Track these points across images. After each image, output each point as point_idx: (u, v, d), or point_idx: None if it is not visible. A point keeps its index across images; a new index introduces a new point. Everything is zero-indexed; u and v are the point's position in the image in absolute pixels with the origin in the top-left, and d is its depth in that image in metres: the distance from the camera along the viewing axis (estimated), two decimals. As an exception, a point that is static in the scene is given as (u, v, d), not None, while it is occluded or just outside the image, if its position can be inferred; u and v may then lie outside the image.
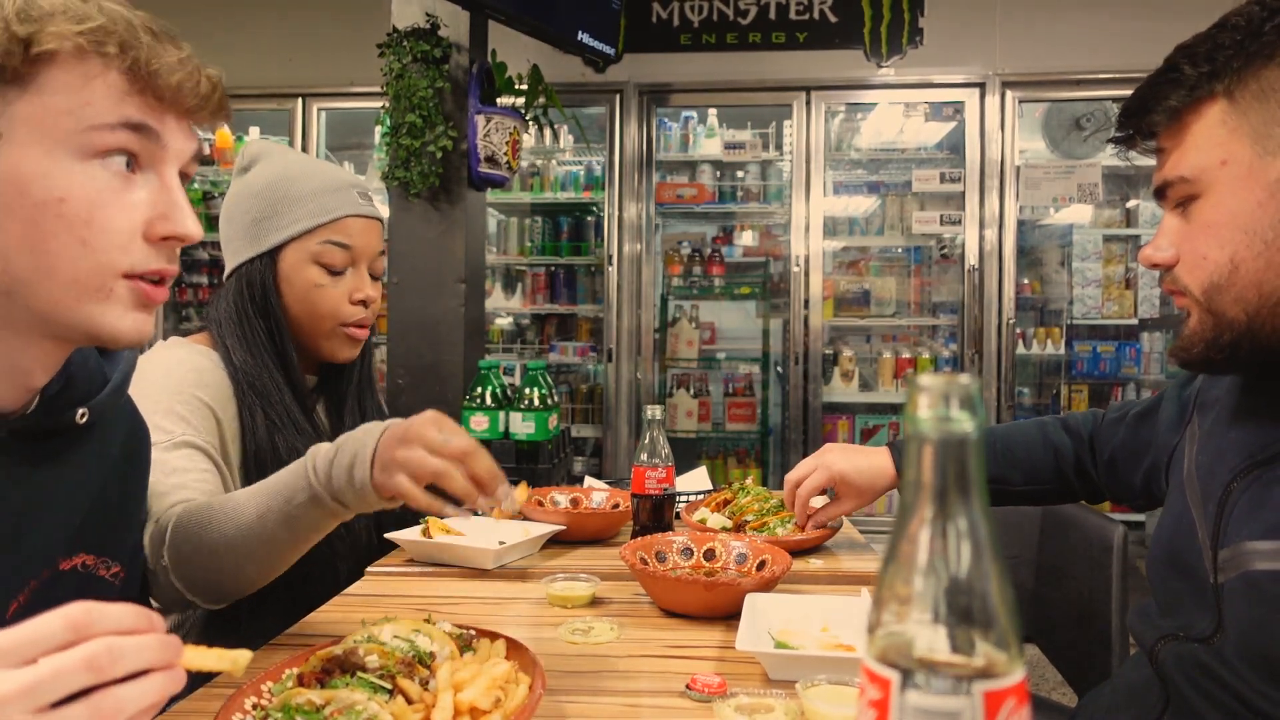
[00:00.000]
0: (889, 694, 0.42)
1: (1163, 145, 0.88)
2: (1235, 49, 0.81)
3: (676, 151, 4.41)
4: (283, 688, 0.76)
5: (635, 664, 0.98)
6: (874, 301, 4.36)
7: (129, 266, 0.73)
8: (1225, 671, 0.83)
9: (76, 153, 0.70)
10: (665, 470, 1.46)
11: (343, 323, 1.38)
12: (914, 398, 0.42)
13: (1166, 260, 0.89)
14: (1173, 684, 0.89)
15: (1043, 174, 4.03)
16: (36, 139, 0.68)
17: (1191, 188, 0.85)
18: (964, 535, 0.42)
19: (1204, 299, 0.85)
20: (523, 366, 2.49)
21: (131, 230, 0.72)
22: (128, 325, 0.74)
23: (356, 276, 1.39)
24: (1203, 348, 0.87)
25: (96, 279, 0.71)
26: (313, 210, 1.35)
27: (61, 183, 0.69)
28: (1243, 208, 0.82)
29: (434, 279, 3.19)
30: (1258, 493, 0.85)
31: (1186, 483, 0.98)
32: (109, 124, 0.70)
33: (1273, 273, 0.81)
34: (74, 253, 0.70)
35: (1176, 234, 0.88)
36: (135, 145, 0.72)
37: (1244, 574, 0.83)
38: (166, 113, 0.74)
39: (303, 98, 4.31)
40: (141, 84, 0.71)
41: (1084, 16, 3.94)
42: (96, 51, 0.69)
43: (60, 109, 0.68)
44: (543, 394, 1.89)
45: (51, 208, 0.68)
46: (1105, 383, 4.27)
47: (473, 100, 3.13)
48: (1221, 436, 0.93)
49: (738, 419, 4.35)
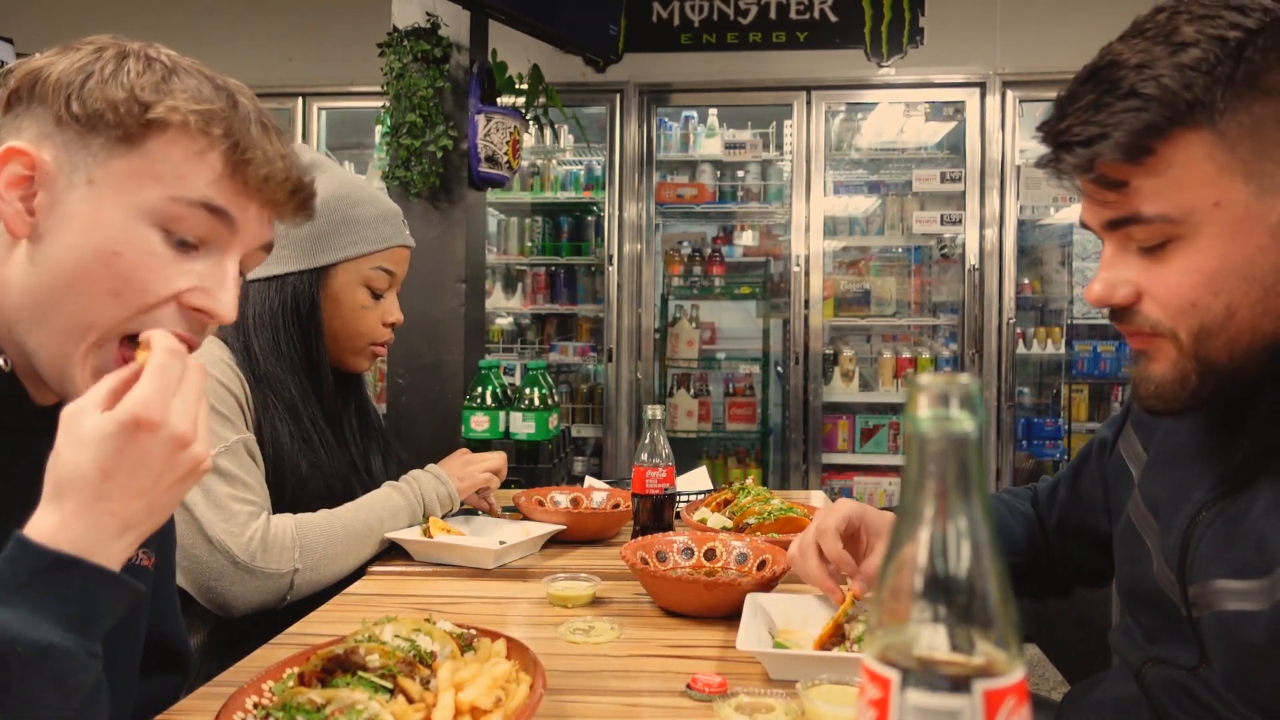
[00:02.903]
0: (889, 693, 0.42)
1: (1123, 178, 0.77)
2: (1211, 75, 0.72)
3: (676, 151, 4.41)
4: (284, 687, 0.76)
5: (636, 664, 0.98)
6: (874, 301, 4.35)
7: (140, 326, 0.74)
8: (1214, 700, 0.80)
9: (149, 218, 0.74)
10: (666, 470, 1.46)
11: (373, 341, 1.48)
12: (914, 397, 0.43)
13: (1127, 301, 0.81)
14: (1161, 705, 0.87)
15: (1043, 174, 4.02)
16: (121, 194, 0.73)
17: (1174, 229, 0.76)
18: (964, 535, 0.42)
19: (1191, 345, 0.78)
20: (523, 366, 2.49)
21: (165, 297, 0.75)
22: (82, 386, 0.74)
23: (390, 300, 1.49)
24: (1173, 397, 0.81)
25: (103, 331, 0.74)
26: (371, 237, 1.43)
27: (122, 237, 0.73)
28: (1242, 253, 0.75)
29: (434, 279, 3.19)
30: (1223, 527, 0.81)
31: (1132, 510, 0.95)
32: (191, 201, 0.75)
33: (1269, 318, 0.76)
34: (102, 301, 0.73)
35: (1141, 273, 0.80)
36: (208, 228, 0.76)
37: (1216, 614, 0.79)
38: (251, 202, 0.78)
39: (303, 97, 4.30)
40: (235, 170, 0.76)
41: (1084, 16, 3.94)
42: (202, 131, 0.74)
43: (154, 175, 0.74)
44: (543, 394, 1.89)
45: (104, 256, 0.73)
46: (1105, 382, 4.26)
47: (473, 100, 3.13)
48: (1181, 467, 0.89)
49: (738, 419, 4.35)
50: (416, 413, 3.19)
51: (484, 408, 1.87)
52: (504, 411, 1.88)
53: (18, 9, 4.27)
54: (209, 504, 1.20)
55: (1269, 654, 0.75)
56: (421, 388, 3.21)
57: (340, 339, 1.44)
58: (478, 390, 1.89)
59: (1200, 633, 0.82)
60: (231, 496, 1.22)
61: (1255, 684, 0.77)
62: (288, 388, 1.36)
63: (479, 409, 1.87)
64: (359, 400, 1.56)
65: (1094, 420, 4.26)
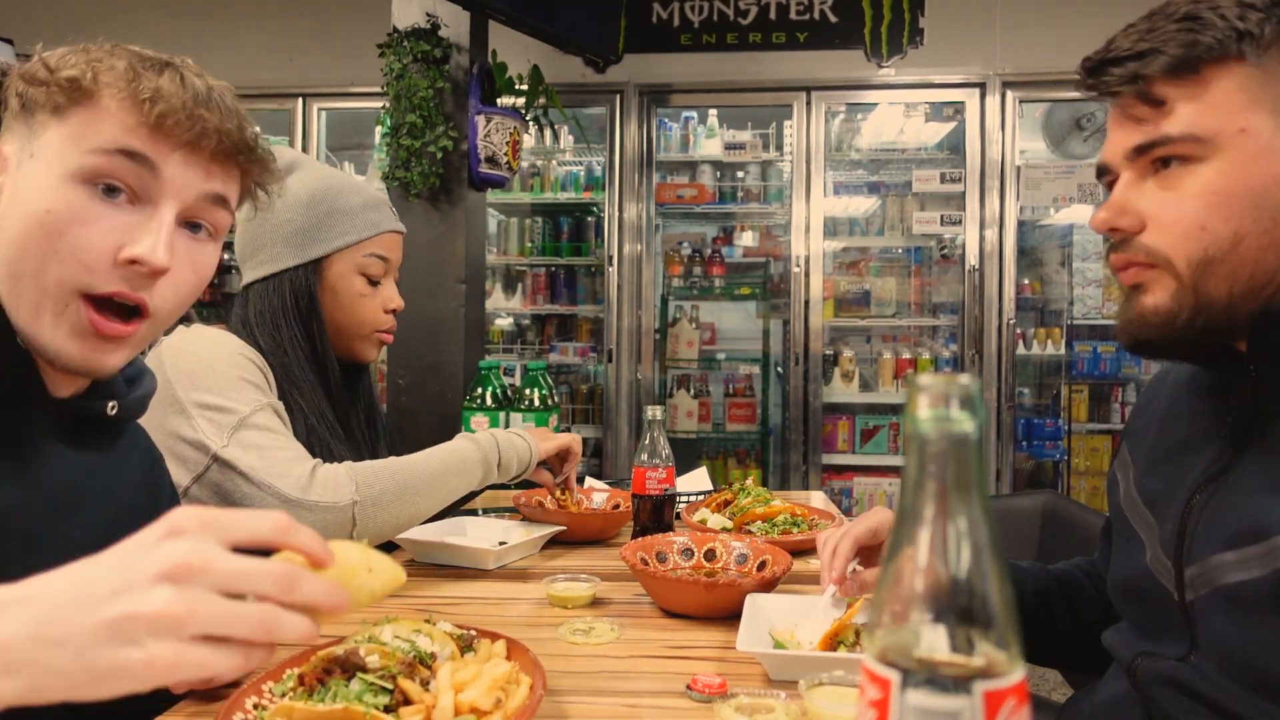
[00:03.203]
0: (889, 694, 0.42)
1: (1163, 96, 0.80)
2: (1266, 12, 0.77)
3: (676, 152, 4.41)
4: (284, 687, 0.76)
5: (636, 664, 0.98)
6: (874, 302, 4.35)
7: (87, 285, 0.76)
8: (1207, 687, 0.81)
9: (75, 175, 0.76)
10: (666, 471, 1.46)
11: (377, 329, 1.48)
12: (914, 398, 0.43)
13: (1131, 227, 0.82)
14: (1154, 701, 0.87)
15: (1043, 174, 4.03)
16: (51, 158, 0.76)
17: (1198, 149, 0.78)
18: (964, 535, 0.42)
19: (1190, 272, 0.79)
20: (523, 367, 2.49)
21: (101, 250, 0.76)
22: (73, 350, 0.77)
23: (388, 287, 1.49)
24: (1164, 326, 0.81)
25: (56, 290, 0.76)
26: (360, 224, 1.44)
27: (50, 196, 0.75)
28: (1258, 181, 0.77)
29: (434, 279, 3.19)
30: (1216, 506, 0.82)
31: (1125, 505, 0.95)
32: (106, 150, 0.76)
33: (1273, 253, 0.78)
34: (43, 260, 0.75)
35: (1153, 203, 0.81)
36: (129, 174, 0.77)
37: (1216, 589, 0.80)
38: (167, 145, 0.79)
39: (303, 98, 4.31)
40: (143, 115, 0.77)
41: (1084, 17, 3.94)
42: (111, 84, 0.76)
43: (74, 134, 0.76)
44: (543, 394, 1.89)
45: (39, 217, 0.75)
46: (1105, 383, 4.27)
47: (473, 100, 3.13)
48: (1171, 461, 0.90)
49: (738, 419, 4.36)
50: (416, 413, 3.20)
51: (484, 408, 1.87)
52: (504, 412, 1.88)
53: (17, 9, 4.27)
54: (252, 455, 1.18)
55: (1272, 618, 0.76)
56: (421, 388, 3.21)
57: (344, 329, 1.45)
58: (478, 391, 1.89)
59: (1192, 618, 0.83)
60: (274, 445, 1.20)
61: (1253, 658, 0.78)
62: (296, 383, 1.37)
63: (479, 409, 1.87)
64: (366, 395, 1.57)
65: (1094, 421, 4.26)
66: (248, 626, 0.53)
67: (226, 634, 0.53)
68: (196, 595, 0.52)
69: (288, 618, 0.55)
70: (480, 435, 1.41)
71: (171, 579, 0.52)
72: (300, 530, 0.59)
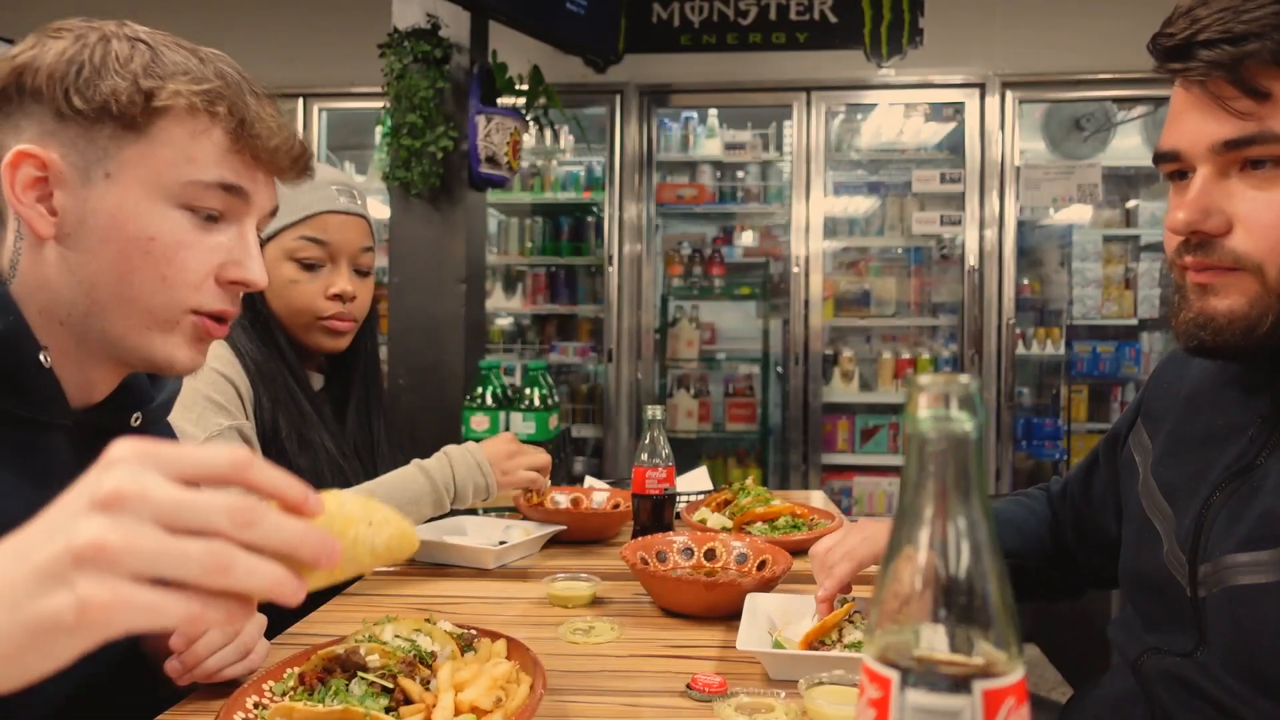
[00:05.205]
0: (889, 693, 0.42)
1: (1268, 88, 0.72)
2: None
3: (676, 152, 4.41)
4: (284, 687, 0.76)
5: (636, 664, 0.98)
6: (874, 302, 4.35)
7: (198, 304, 0.80)
8: (1210, 684, 0.81)
9: (172, 200, 0.78)
10: (666, 470, 1.46)
11: (319, 317, 1.41)
12: (914, 398, 0.43)
13: (1218, 230, 0.77)
14: (1157, 698, 0.87)
15: (1043, 174, 4.03)
16: (140, 182, 0.76)
17: None
18: (963, 535, 0.42)
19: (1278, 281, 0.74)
20: (523, 367, 2.49)
21: (206, 272, 0.80)
22: (184, 356, 0.82)
23: (334, 272, 1.42)
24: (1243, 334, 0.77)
25: (167, 312, 0.79)
26: (288, 209, 1.37)
27: (154, 223, 0.77)
28: None
29: (434, 279, 3.19)
30: (1235, 505, 0.82)
31: (1144, 494, 0.95)
32: (207, 183, 0.78)
33: None
34: (153, 286, 0.78)
35: (1242, 203, 0.76)
36: (224, 203, 0.80)
37: (1226, 589, 0.80)
38: (259, 171, 0.82)
39: (303, 98, 4.30)
40: (242, 145, 0.80)
41: (1084, 17, 3.94)
42: (207, 110, 0.78)
43: (166, 160, 0.77)
44: (543, 394, 1.89)
45: (141, 244, 0.77)
46: (1105, 383, 4.26)
47: (473, 101, 3.13)
48: (1193, 452, 0.89)
49: (738, 419, 4.36)
50: (417, 413, 3.19)
51: (484, 408, 1.87)
52: (504, 412, 1.88)
53: (17, 9, 4.27)
54: None
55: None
56: (422, 388, 3.21)
57: (284, 317, 1.41)
58: (478, 391, 1.89)
59: (1202, 614, 0.83)
60: None
61: (1260, 660, 0.77)
62: (267, 364, 1.37)
63: (479, 409, 1.87)
64: (366, 384, 1.55)
65: (1093, 420, 4.26)
66: (196, 565, 0.45)
67: (171, 573, 0.45)
68: (132, 525, 0.45)
69: (245, 558, 0.46)
70: (437, 468, 1.39)
71: (103, 507, 0.45)
72: (263, 467, 0.50)
